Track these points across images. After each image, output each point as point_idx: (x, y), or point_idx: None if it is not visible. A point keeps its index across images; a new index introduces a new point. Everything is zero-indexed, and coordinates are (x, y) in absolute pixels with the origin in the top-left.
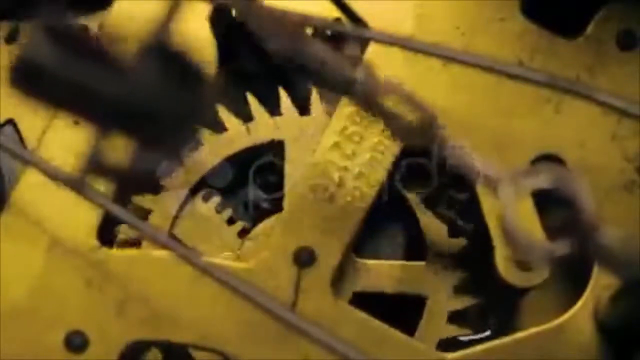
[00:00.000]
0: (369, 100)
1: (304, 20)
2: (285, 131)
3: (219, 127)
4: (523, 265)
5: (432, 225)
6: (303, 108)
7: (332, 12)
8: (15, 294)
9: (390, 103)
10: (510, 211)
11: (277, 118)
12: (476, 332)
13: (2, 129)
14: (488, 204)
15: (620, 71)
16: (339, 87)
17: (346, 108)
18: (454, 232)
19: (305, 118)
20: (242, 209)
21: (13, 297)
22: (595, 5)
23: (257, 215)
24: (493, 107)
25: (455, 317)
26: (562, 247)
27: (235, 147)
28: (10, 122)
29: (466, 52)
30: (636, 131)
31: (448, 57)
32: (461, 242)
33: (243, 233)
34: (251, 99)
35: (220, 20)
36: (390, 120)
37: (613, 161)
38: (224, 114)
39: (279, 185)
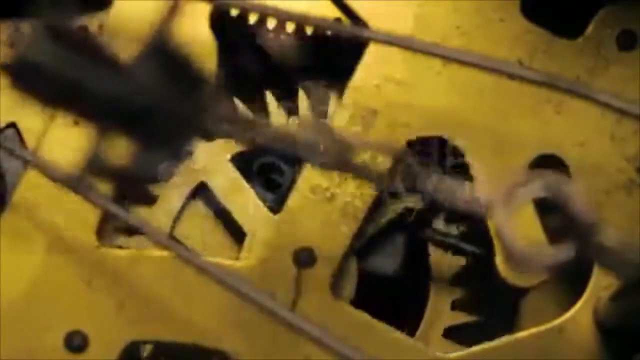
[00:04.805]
0: (338, 163)
1: (304, 20)
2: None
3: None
4: None
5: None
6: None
7: (332, 12)
8: (15, 293)
9: (358, 157)
10: (507, 233)
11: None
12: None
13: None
14: None
15: (620, 71)
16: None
17: (346, 110)
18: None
19: (293, 119)
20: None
21: (13, 297)
22: (595, 6)
23: (258, 214)
24: (493, 107)
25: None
26: (564, 253)
27: (237, 147)
28: (12, 125)
29: (466, 52)
30: (636, 131)
31: (448, 57)
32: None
33: (243, 233)
34: (269, 98)
35: (220, 20)
36: (365, 175)
37: (612, 161)
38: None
39: (279, 185)
